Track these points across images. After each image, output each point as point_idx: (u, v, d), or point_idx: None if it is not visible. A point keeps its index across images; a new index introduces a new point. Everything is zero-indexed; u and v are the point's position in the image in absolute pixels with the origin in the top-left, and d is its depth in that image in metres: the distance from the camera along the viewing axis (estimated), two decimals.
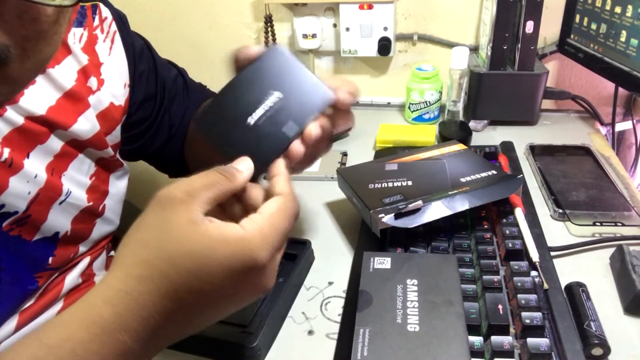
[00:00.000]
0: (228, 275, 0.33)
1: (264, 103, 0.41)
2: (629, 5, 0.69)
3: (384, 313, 0.44)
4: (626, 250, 0.53)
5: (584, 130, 0.86)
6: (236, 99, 0.42)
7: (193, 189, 0.34)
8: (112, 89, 0.55)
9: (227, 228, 0.33)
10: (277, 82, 0.41)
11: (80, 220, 0.53)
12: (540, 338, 0.44)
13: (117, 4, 1.05)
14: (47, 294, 0.53)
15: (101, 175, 0.56)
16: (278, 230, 0.35)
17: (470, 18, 0.96)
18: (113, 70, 0.55)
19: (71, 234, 0.52)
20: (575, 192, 0.66)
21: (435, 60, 0.99)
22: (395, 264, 0.50)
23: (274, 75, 0.42)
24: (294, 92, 0.41)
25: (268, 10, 1.00)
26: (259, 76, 0.42)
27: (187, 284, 0.32)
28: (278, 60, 0.42)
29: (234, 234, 0.33)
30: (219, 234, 0.33)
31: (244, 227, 0.34)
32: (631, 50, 0.70)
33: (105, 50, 0.55)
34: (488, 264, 0.53)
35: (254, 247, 0.33)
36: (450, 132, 0.82)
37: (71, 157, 0.52)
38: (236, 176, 0.37)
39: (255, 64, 0.42)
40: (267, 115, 0.40)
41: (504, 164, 0.71)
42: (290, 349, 0.49)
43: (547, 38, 0.94)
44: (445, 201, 0.56)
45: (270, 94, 0.41)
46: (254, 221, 0.35)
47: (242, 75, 0.42)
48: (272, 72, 0.42)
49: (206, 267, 0.32)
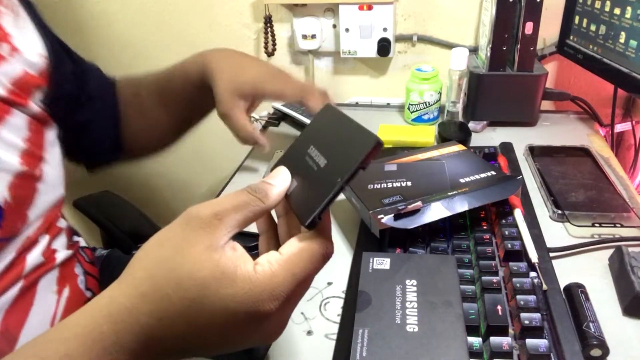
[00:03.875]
0: (228, 315, 0.31)
1: (317, 154, 0.39)
2: (628, 7, 0.69)
3: (383, 313, 0.45)
4: (625, 251, 0.53)
5: (583, 131, 0.86)
6: (298, 153, 0.40)
7: (222, 211, 0.32)
8: (27, 57, 0.54)
9: (241, 265, 0.31)
10: (327, 134, 0.40)
11: (18, 186, 0.51)
12: (539, 339, 0.44)
13: (117, 4, 1.04)
14: (8, 274, 0.52)
15: (34, 139, 0.55)
16: (295, 278, 0.32)
17: (470, 19, 0.97)
18: (23, 40, 0.55)
19: (12, 202, 0.50)
20: (575, 193, 0.66)
21: (435, 61, 0.99)
22: (395, 264, 0.50)
23: (324, 130, 0.40)
24: (342, 141, 0.38)
25: (268, 11, 1.01)
26: (314, 132, 0.41)
27: (185, 312, 0.30)
28: (327, 115, 0.41)
29: (244, 273, 0.31)
30: (232, 270, 0.31)
31: (257, 268, 0.31)
32: (630, 51, 0.70)
33: (9, 23, 0.54)
34: (487, 265, 0.53)
35: (259, 297, 0.31)
36: (449, 132, 0.82)
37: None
38: (269, 195, 0.34)
39: (311, 123, 0.42)
40: (321, 165, 0.38)
41: (503, 165, 0.71)
42: (289, 349, 0.49)
43: (546, 39, 0.94)
44: (444, 202, 0.56)
45: (322, 145, 0.39)
46: (269, 262, 0.32)
47: (304, 132, 0.42)
48: (323, 127, 0.41)
49: (208, 300, 0.30)
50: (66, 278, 0.60)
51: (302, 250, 0.33)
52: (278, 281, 0.31)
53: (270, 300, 0.31)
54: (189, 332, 0.31)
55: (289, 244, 0.33)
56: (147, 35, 1.14)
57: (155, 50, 1.14)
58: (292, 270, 0.32)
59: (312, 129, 0.41)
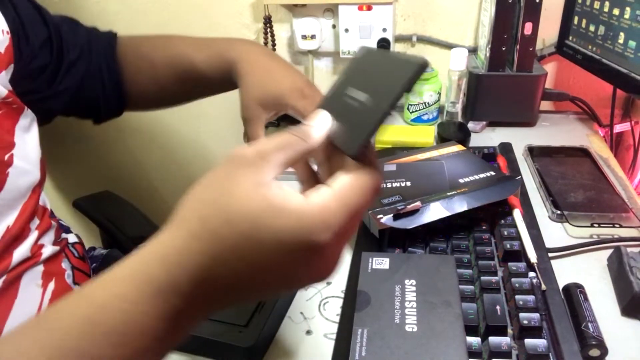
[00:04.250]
0: (281, 248, 0.30)
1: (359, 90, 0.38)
2: (626, 7, 0.69)
3: (382, 313, 0.45)
4: (624, 251, 0.53)
5: (583, 132, 0.86)
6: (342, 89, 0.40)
7: (265, 151, 0.31)
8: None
9: (291, 197, 0.30)
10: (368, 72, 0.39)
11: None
12: (537, 339, 0.44)
13: (117, 4, 1.04)
14: None
15: (3, 126, 0.54)
16: (347, 209, 0.31)
17: (469, 19, 0.97)
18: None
19: None
20: (574, 194, 0.66)
21: (434, 61, 0.99)
22: (394, 264, 0.50)
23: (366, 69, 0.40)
24: (382, 73, 0.37)
25: (267, 11, 1.01)
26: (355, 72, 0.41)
27: (237, 247, 0.30)
28: (364, 56, 0.41)
29: (295, 205, 0.30)
30: (282, 202, 0.30)
31: (308, 200, 0.30)
32: (629, 52, 0.70)
33: None
34: (486, 265, 0.53)
35: (313, 226, 0.29)
36: (449, 133, 0.82)
37: None
38: (311, 135, 0.34)
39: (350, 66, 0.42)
40: (362, 100, 0.37)
41: (502, 165, 0.71)
42: (288, 349, 0.49)
43: (545, 39, 0.94)
44: (443, 202, 0.56)
45: (361, 83, 0.39)
46: (320, 195, 0.31)
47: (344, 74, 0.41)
48: (360, 67, 0.40)
49: (260, 234, 0.29)
50: (52, 273, 0.60)
51: (353, 182, 0.32)
52: (331, 211, 0.30)
53: (323, 230, 0.30)
54: (242, 268, 0.30)
55: (339, 178, 0.32)
56: None
57: None
58: (344, 201, 0.31)
59: (348, 73, 0.41)
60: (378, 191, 0.33)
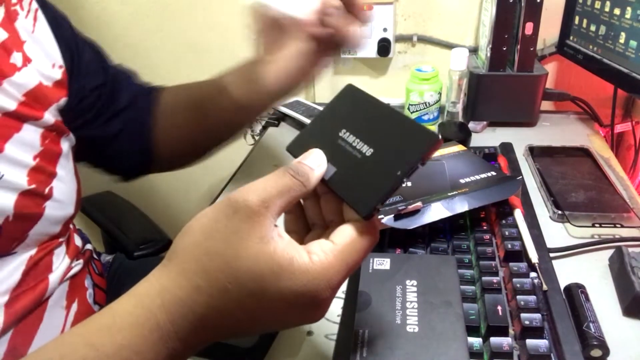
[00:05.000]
0: (285, 304, 0.32)
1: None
2: (627, 7, 0.69)
3: (383, 314, 0.44)
4: (625, 251, 0.53)
5: (583, 132, 0.86)
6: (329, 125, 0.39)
7: (268, 197, 0.32)
8: (39, 68, 0.52)
9: (295, 255, 0.32)
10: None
11: (23, 204, 0.50)
12: (539, 339, 0.44)
13: (117, 4, 1.04)
14: (28, 295, 0.52)
15: (48, 155, 0.53)
16: (348, 267, 0.33)
17: (470, 19, 0.97)
18: (39, 49, 0.53)
19: (15, 221, 0.49)
20: (575, 194, 0.66)
21: (435, 61, 0.99)
22: (395, 264, 0.50)
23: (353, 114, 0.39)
24: (388, 131, 0.37)
25: None
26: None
27: (242, 302, 0.31)
28: (353, 96, 0.40)
29: (301, 265, 0.31)
30: (288, 262, 0.31)
31: (313, 259, 0.32)
32: (630, 51, 0.70)
33: (27, 27, 0.53)
34: (487, 265, 0.53)
35: (317, 287, 0.32)
36: (449, 133, 0.82)
37: (7, 136, 0.49)
38: (310, 179, 0.34)
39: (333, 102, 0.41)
40: (366, 154, 0.37)
41: (503, 165, 0.71)
42: (289, 350, 0.49)
43: (546, 39, 0.94)
44: (444, 202, 0.56)
45: (359, 131, 0.38)
46: (324, 252, 0.32)
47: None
48: (353, 110, 0.40)
49: (267, 292, 0.31)
50: (75, 291, 0.59)
51: (354, 241, 0.33)
52: (334, 271, 0.32)
53: (326, 289, 0.32)
54: (245, 319, 0.32)
55: (342, 234, 0.34)
56: (147, 35, 1.14)
57: (155, 50, 1.14)
58: (346, 261, 0.33)
59: (337, 111, 0.40)
60: (373, 246, 0.35)
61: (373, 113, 0.38)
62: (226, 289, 0.31)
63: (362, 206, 0.34)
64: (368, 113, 0.38)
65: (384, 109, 0.38)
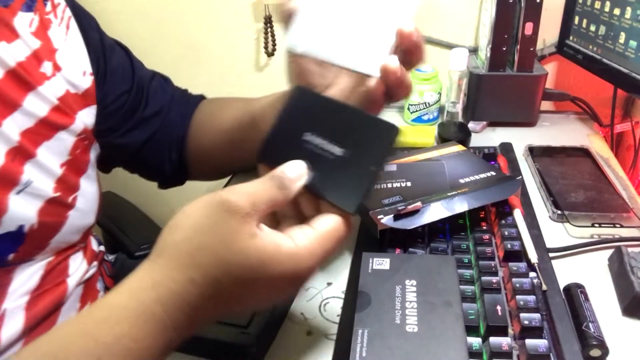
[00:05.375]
0: (273, 285, 0.35)
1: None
2: (627, 7, 0.69)
3: (383, 314, 0.45)
4: (624, 251, 0.53)
5: (583, 132, 0.86)
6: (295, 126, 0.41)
7: (257, 201, 0.35)
8: (68, 76, 0.53)
9: (281, 243, 0.35)
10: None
11: (47, 212, 0.50)
12: (538, 339, 0.44)
13: (117, 3, 1.04)
14: (47, 297, 0.53)
15: (76, 164, 0.54)
16: (326, 252, 0.37)
17: (470, 19, 0.97)
18: (70, 57, 0.54)
19: (39, 228, 0.50)
20: (574, 194, 0.66)
21: (435, 61, 0.98)
22: (394, 264, 0.50)
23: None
24: (350, 128, 0.39)
25: (268, 11, 1.01)
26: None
27: (235, 291, 0.34)
28: (305, 98, 0.42)
29: (286, 250, 0.35)
30: (274, 249, 0.34)
31: (296, 242, 0.35)
32: (630, 51, 0.70)
33: (60, 36, 0.53)
34: (487, 265, 0.53)
35: (303, 265, 0.35)
36: (449, 133, 0.82)
37: (37, 142, 0.49)
38: (292, 191, 0.37)
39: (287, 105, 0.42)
40: (337, 154, 0.39)
41: (503, 165, 0.71)
42: (288, 350, 0.49)
43: (546, 39, 0.94)
44: (444, 202, 0.56)
45: (324, 132, 0.40)
46: (306, 237, 0.36)
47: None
48: (309, 111, 0.41)
49: (257, 279, 0.34)
50: (89, 295, 0.60)
51: (335, 229, 0.37)
52: (315, 255, 0.36)
53: (310, 269, 0.36)
54: (236, 303, 0.36)
55: (323, 222, 0.37)
56: (147, 35, 1.14)
57: (155, 50, 1.14)
58: (325, 246, 0.37)
59: (295, 114, 0.41)
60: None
61: (331, 112, 0.40)
62: (219, 281, 0.33)
63: (349, 205, 0.37)
64: (326, 113, 0.40)
65: (339, 106, 0.41)
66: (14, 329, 0.49)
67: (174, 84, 0.71)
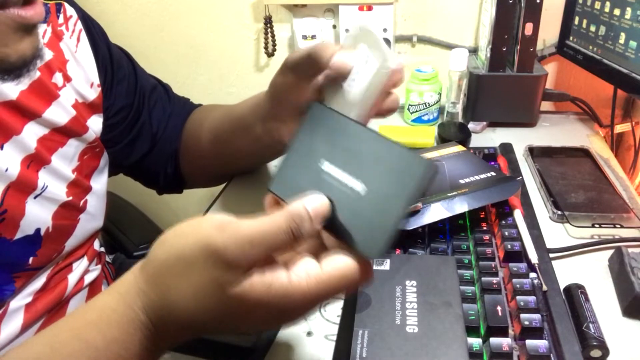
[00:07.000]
0: (266, 318, 0.33)
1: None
2: (627, 8, 0.69)
3: (383, 314, 0.44)
4: (625, 252, 0.53)
5: (583, 132, 0.86)
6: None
7: (251, 249, 0.30)
8: (77, 87, 0.55)
9: (272, 282, 0.31)
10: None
11: (61, 215, 0.52)
12: (539, 340, 0.44)
13: (117, 4, 1.04)
14: (48, 295, 0.53)
15: (84, 169, 0.56)
16: (326, 296, 0.32)
17: (470, 20, 0.97)
18: (79, 69, 0.55)
19: (54, 231, 0.52)
20: (574, 194, 0.66)
21: (435, 61, 0.99)
22: (394, 265, 0.50)
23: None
24: (374, 160, 0.33)
25: (268, 12, 1.01)
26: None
27: (228, 322, 0.33)
28: (324, 118, 0.36)
29: (277, 288, 0.31)
30: (260, 293, 0.31)
31: (292, 280, 0.31)
32: (630, 52, 0.70)
33: (71, 48, 0.55)
34: (487, 266, 0.53)
35: (291, 306, 0.31)
36: (449, 133, 0.82)
37: (52, 149, 0.51)
38: (306, 233, 0.32)
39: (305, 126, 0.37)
40: (357, 190, 0.33)
41: (503, 166, 0.71)
42: (288, 350, 0.49)
43: (546, 40, 0.94)
44: (444, 203, 0.56)
45: (342, 162, 0.34)
46: (307, 275, 0.31)
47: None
48: (328, 135, 0.36)
49: (252, 314, 0.32)
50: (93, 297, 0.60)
51: (344, 275, 0.32)
52: (310, 297, 0.31)
53: (303, 309, 0.32)
54: (228, 325, 0.33)
55: (333, 263, 0.32)
56: (147, 35, 1.14)
57: (155, 50, 1.14)
58: (326, 290, 0.31)
59: (311, 138, 0.37)
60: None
61: (350, 137, 0.35)
62: (195, 315, 0.32)
63: (370, 251, 0.32)
64: (345, 137, 0.35)
65: (360, 130, 0.35)
66: (13, 328, 0.50)
67: (173, 93, 0.71)
